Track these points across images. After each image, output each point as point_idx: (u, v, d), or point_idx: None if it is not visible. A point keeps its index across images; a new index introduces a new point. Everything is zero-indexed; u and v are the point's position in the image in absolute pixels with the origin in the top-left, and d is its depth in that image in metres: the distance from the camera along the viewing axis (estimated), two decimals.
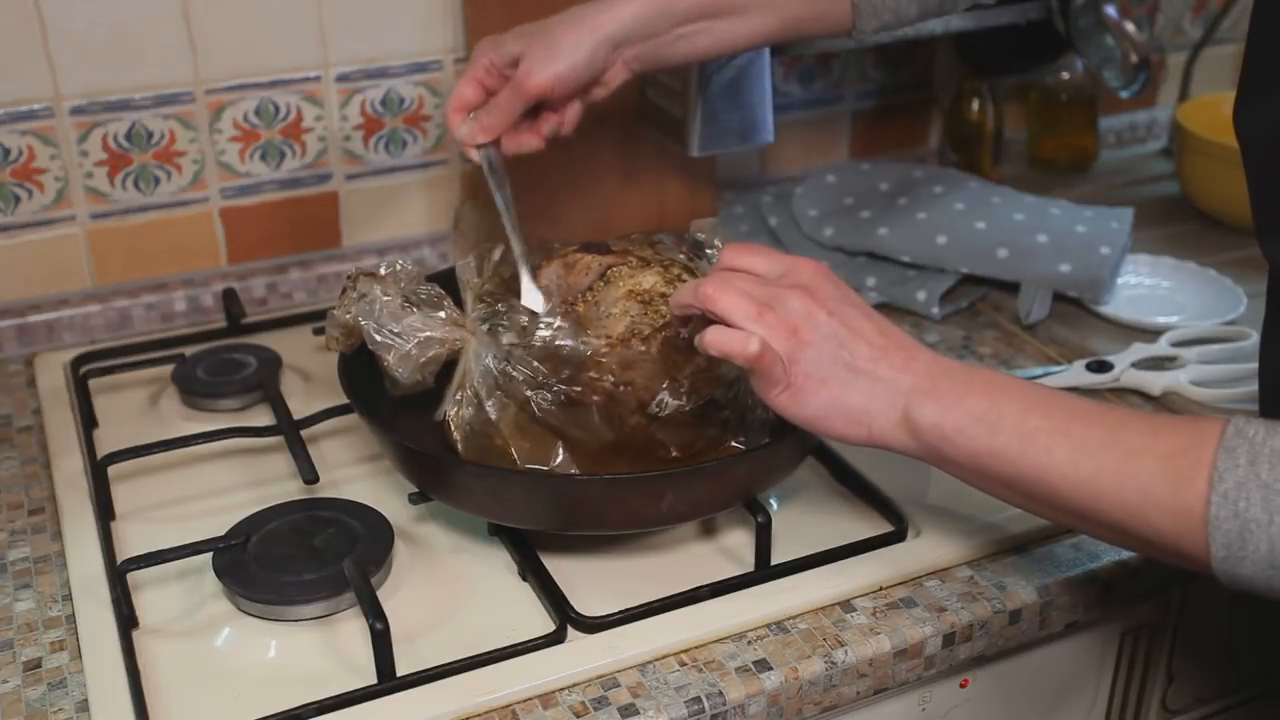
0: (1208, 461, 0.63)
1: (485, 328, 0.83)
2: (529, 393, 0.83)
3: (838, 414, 0.74)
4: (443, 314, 0.85)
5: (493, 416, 0.83)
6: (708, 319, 0.77)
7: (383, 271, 0.86)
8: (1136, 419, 0.69)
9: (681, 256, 0.91)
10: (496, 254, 0.90)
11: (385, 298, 0.84)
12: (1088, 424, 0.68)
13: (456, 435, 0.84)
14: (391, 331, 0.84)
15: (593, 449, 0.84)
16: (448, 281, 0.89)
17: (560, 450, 0.84)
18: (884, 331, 0.75)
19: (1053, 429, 0.69)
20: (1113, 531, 0.68)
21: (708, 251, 0.89)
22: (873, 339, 0.74)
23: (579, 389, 0.83)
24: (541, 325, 0.84)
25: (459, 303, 0.87)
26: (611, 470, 0.83)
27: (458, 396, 0.84)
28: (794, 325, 0.73)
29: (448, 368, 0.86)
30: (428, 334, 0.84)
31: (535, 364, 0.82)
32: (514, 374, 0.83)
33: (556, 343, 0.83)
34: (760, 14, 0.92)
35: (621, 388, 0.83)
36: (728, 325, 0.74)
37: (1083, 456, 0.67)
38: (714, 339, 0.74)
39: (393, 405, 0.88)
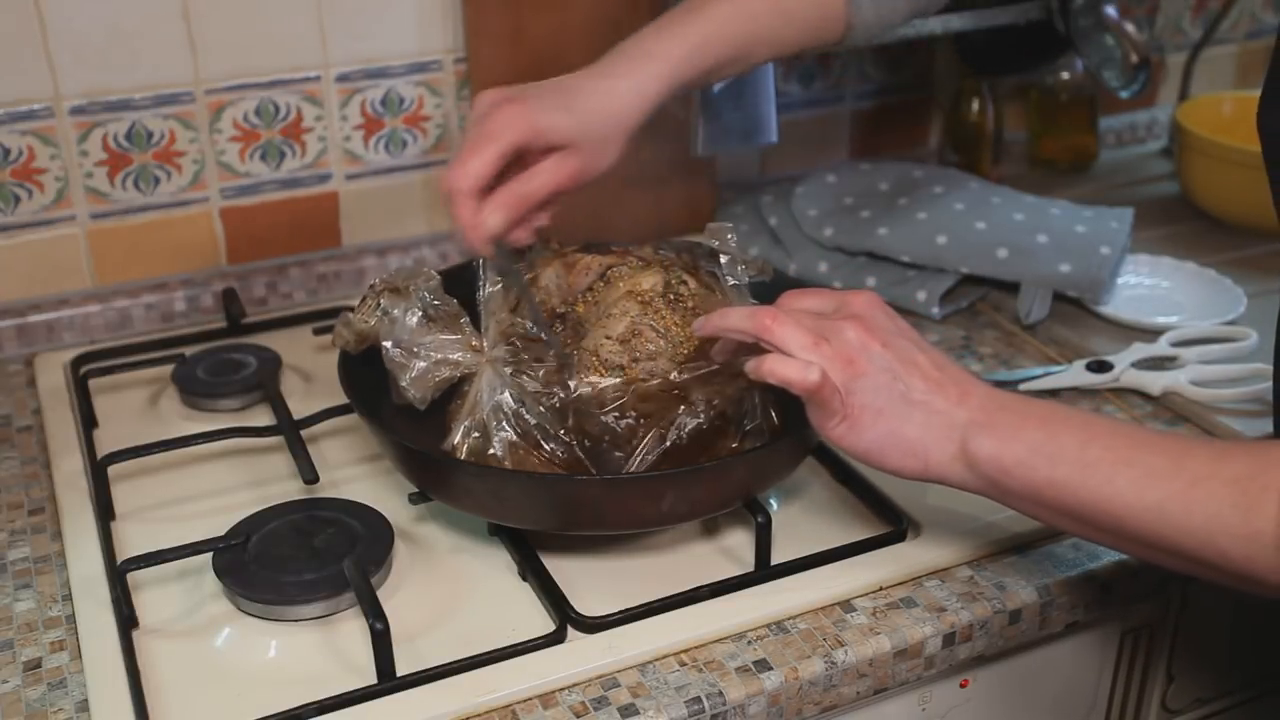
0: (1275, 487, 0.63)
1: (508, 370, 0.83)
2: (543, 443, 0.83)
3: (893, 446, 0.74)
4: (459, 337, 0.85)
5: (498, 454, 0.83)
6: (733, 341, 0.78)
7: (404, 279, 0.86)
8: (1199, 445, 0.69)
9: (688, 257, 0.91)
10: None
11: (409, 318, 0.84)
12: (1150, 452, 0.68)
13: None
14: (410, 351, 0.84)
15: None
16: (456, 279, 0.89)
17: None
18: (939, 364, 0.75)
19: (1114, 458, 0.69)
20: (1180, 559, 0.68)
21: (722, 259, 0.88)
22: (928, 371, 0.74)
23: (591, 441, 0.83)
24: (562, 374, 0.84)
25: (466, 304, 0.87)
26: None
27: (466, 424, 0.84)
28: (850, 356, 0.74)
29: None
30: (444, 357, 0.84)
31: (550, 416, 0.82)
32: (529, 418, 0.83)
33: (576, 394, 0.83)
34: (761, 54, 0.95)
35: (642, 420, 0.83)
36: (784, 354, 0.74)
37: (1147, 485, 0.67)
38: (774, 367, 0.74)
39: (393, 405, 0.88)
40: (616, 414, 0.83)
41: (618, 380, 0.83)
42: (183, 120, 1.13)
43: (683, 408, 0.83)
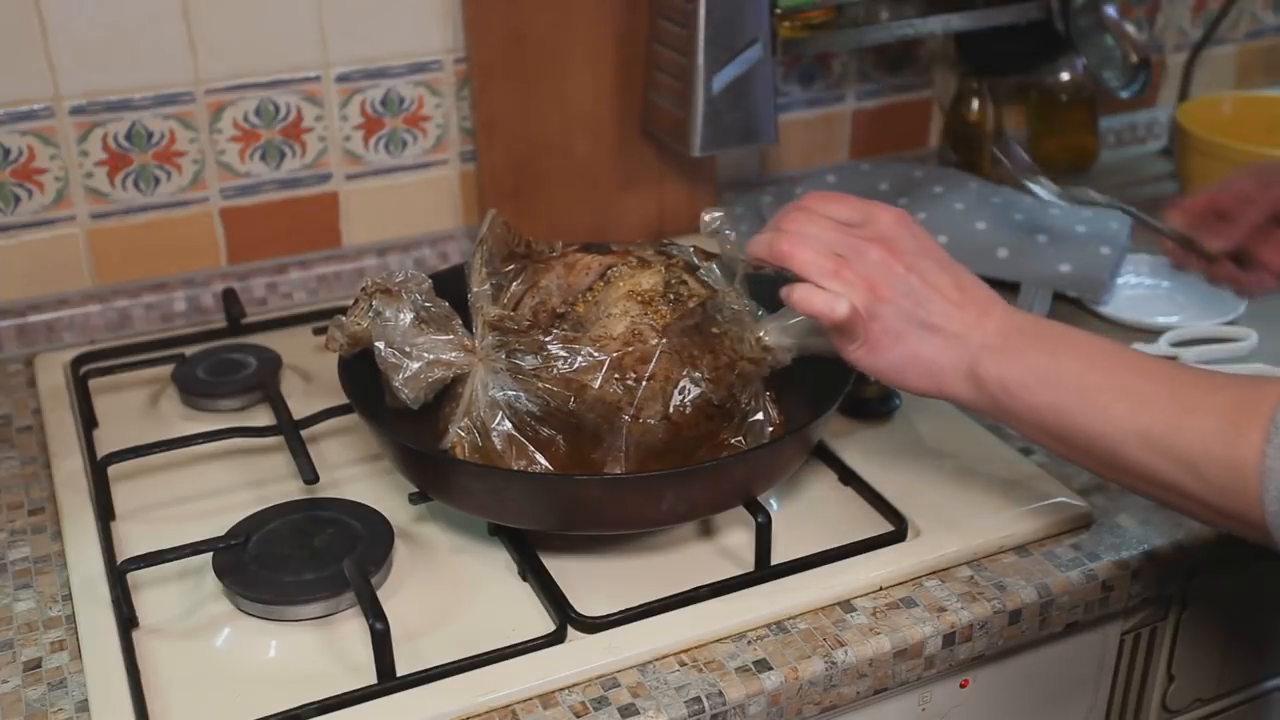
0: (1265, 415, 0.63)
1: (502, 356, 0.83)
2: (541, 429, 0.83)
3: (910, 367, 0.75)
4: (451, 337, 0.85)
5: (498, 448, 0.83)
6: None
7: (396, 282, 0.86)
8: (1197, 375, 0.69)
9: (691, 253, 0.91)
10: (515, 285, 0.90)
11: (401, 319, 0.84)
12: (1147, 379, 0.69)
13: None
14: (402, 352, 0.84)
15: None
16: (450, 280, 0.89)
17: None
18: (961, 286, 0.76)
19: (1112, 385, 0.69)
20: (1167, 490, 0.68)
21: (728, 240, 0.88)
22: (948, 293, 0.75)
23: (593, 407, 0.83)
24: (556, 346, 0.84)
25: (458, 306, 0.87)
26: None
27: (462, 423, 0.84)
28: (872, 281, 0.74)
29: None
30: (436, 356, 0.84)
31: (552, 389, 0.82)
32: (527, 405, 0.83)
33: (577, 365, 0.83)
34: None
35: (644, 383, 0.83)
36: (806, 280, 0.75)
37: (1140, 411, 0.68)
38: (803, 296, 0.75)
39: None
40: (617, 376, 0.83)
41: (617, 344, 0.84)
42: (183, 120, 1.13)
43: (687, 370, 0.83)
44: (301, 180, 1.19)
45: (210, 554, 0.82)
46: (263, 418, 1.00)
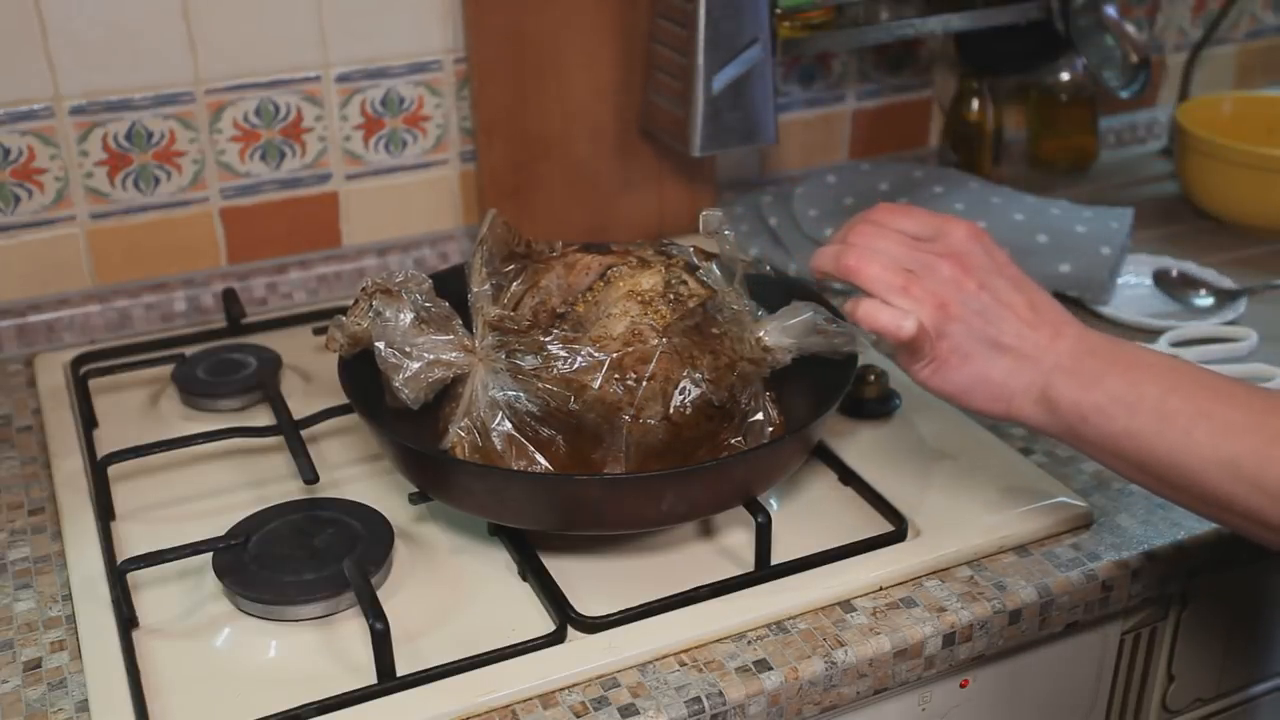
0: None
1: (502, 356, 0.83)
2: (541, 429, 0.83)
3: (979, 390, 0.73)
4: (451, 337, 0.85)
5: (498, 448, 0.83)
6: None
7: (396, 282, 0.86)
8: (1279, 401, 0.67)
9: (691, 253, 0.91)
10: (515, 285, 0.90)
11: (401, 319, 0.84)
12: (1231, 405, 0.66)
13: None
14: (402, 352, 0.84)
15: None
16: (450, 280, 0.89)
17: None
18: (1034, 305, 0.74)
19: (1193, 411, 0.67)
20: (1252, 521, 0.66)
21: (727, 240, 0.87)
22: (1021, 313, 0.73)
23: (593, 407, 0.83)
24: (556, 346, 0.84)
25: (458, 307, 0.87)
26: None
27: (462, 424, 0.84)
28: (942, 299, 0.72)
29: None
30: (436, 356, 0.84)
31: (553, 389, 0.82)
32: (527, 405, 0.83)
33: (577, 365, 0.83)
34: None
35: (644, 383, 0.83)
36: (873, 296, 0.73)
37: (1224, 440, 0.65)
38: (869, 312, 0.73)
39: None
40: (618, 376, 0.83)
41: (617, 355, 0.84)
42: (183, 120, 1.13)
43: (687, 370, 0.83)
44: (301, 180, 1.19)
45: (210, 554, 0.82)
46: (263, 418, 1.00)
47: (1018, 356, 0.72)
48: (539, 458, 0.83)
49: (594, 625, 0.78)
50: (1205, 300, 1.16)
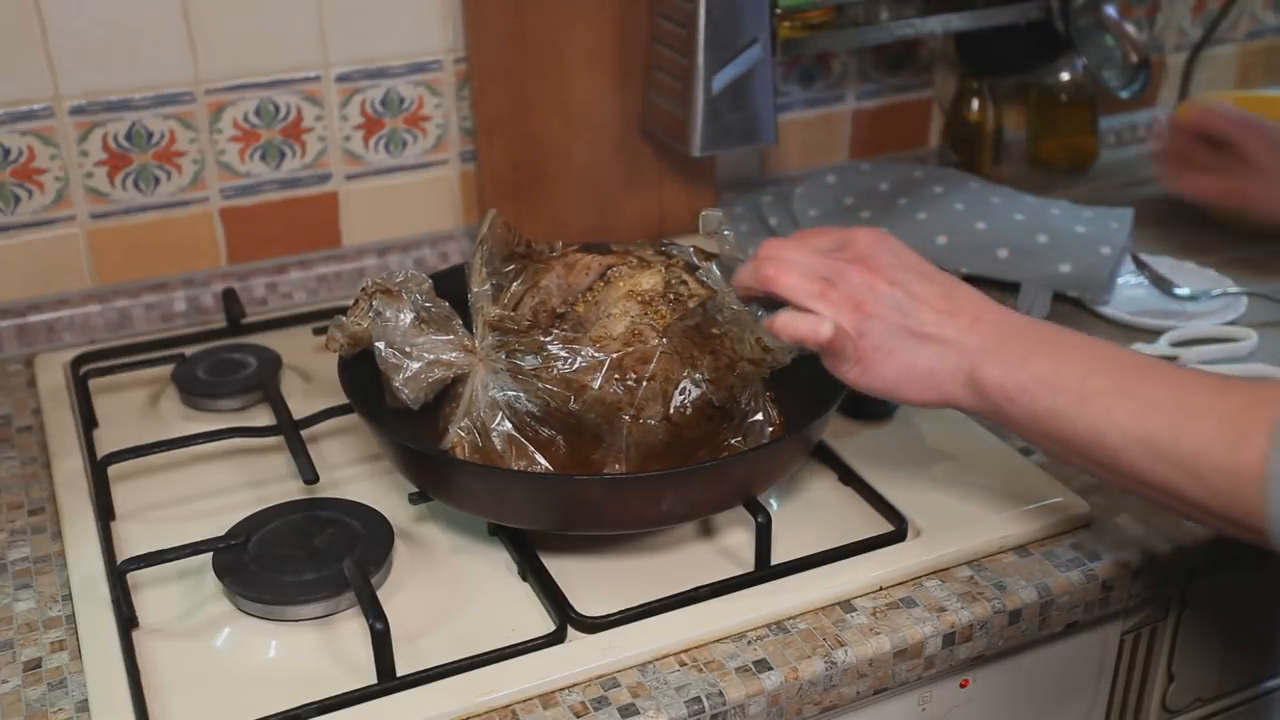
0: (1269, 420, 0.62)
1: (502, 356, 0.83)
2: (541, 429, 0.83)
3: (908, 381, 0.75)
4: (451, 337, 0.85)
5: (498, 448, 0.83)
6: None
7: (396, 282, 0.86)
8: (1201, 379, 0.68)
9: (691, 253, 0.91)
10: (515, 285, 0.90)
11: (401, 319, 0.84)
12: (1151, 383, 0.68)
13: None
14: (402, 352, 0.84)
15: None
16: (450, 280, 0.89)
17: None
18: (949, 295, 0.75)
19: (1114, 389, 0.69)
20: (1170, 495, 0.68)
21: (727, 240, 0.88)
22: (936, 303, 0.75)
23: (593, 407, 0.83)
24: (556, 346, 0.84)
25: (458, 307, 0.87)
26: None
27: (463, 424, 0.84)
28: (857, 300, 0.74)
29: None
30: (436, 357, 0.84)
31: (553, 389, 0.82)
32: (527, 405, 0.83)
33: (577, 366, 0.83)
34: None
35: (644, 384, 0.83)
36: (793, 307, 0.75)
37: (1143, 417, 0.67)
38: (786, 323, 0.75)
39: None
40: (618, 376, 0.83)
41: (616, 345, 0.84)
42: (183, 120, 1.13)
43: (687, 371, 0.83)
44: (301, 180, 1.19)
45: (210, 554, 0.82)
46: (263, 418, 1.00)
47: (940, 343, 0.74)
48: (539, 458, 0.83)
49: (594, 625, 0.78)
50: (1183, 290, 1.16)
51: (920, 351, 0.74)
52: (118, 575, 0.79)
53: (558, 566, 0.82)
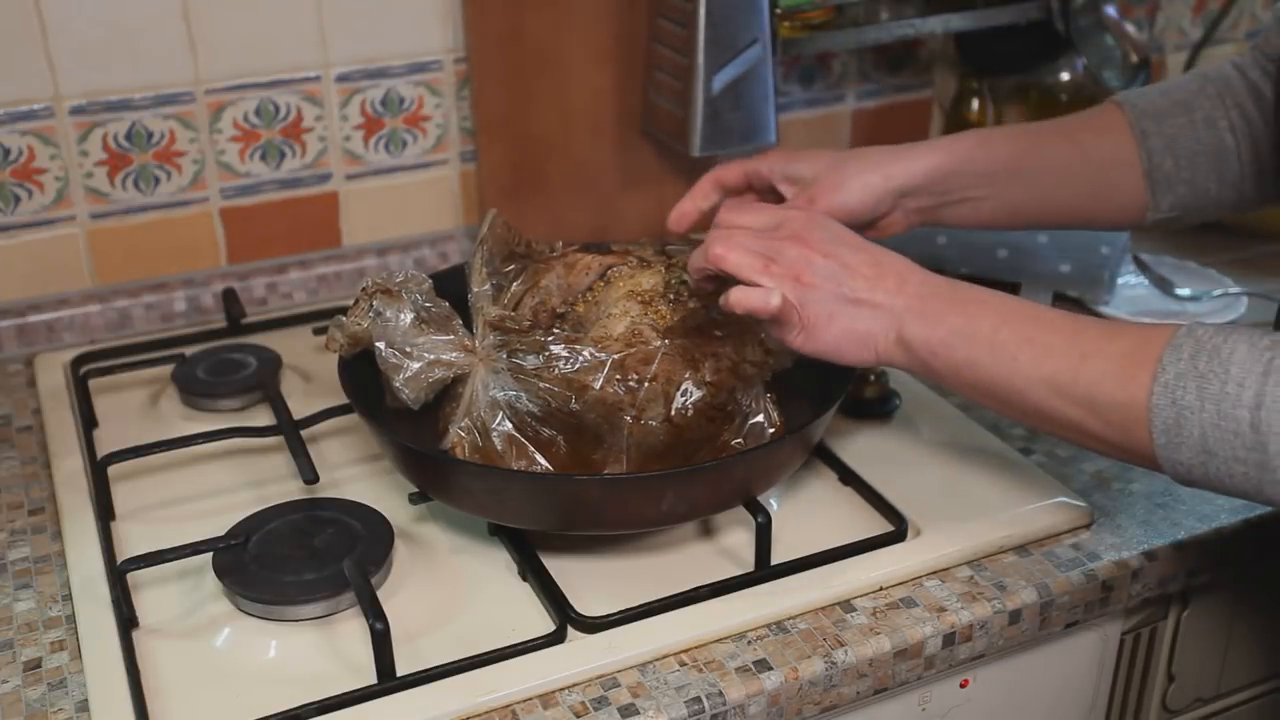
0: (1154, 357, 0.70)
1: (503, 356, 0.83)
2: (542, 429, 0.83)
3: (848, 343, 0.80)
4: (452, 337, 0.85)
5: (499, 448, 0.83)
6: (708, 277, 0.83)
7: (396, 282, 0.86)
8: (1097, 325, 0.75)
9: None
10: (515, 285, 0.90)
11: (401, 319, 0.85)
12: (1050, 331, 0.75)
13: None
14: (403, 352, 0.84)
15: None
16: (450, 280, 0.89)
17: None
18: (877, 262, 0.81)
19: (1019, 338, 0.75)
20: (1073, 430, 0.75)
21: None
22: (865, 271, 0.80)
23: (594, 407, 0.83)
24: (558, 346, 0.84)
25: (458, 307, 0.87)
26: None
27: (463, 424, 0.84)
28: (796, 273, 0.79)
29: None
30: (437, 356, 0.84)
31: (554, 389, 0.82)
32: (527, 405, 0.83)
33: (579, 366, 0.83)
34: (1053, 185, 0.93)
35: (645, 384, 0.83)
36: (741, 282, 0.80)
37: (1043, 360, 0.74)
38: (739, 298, 0.80)
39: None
40: (619, 377, 0.83)
41: (618, 346, 0.84)
42: (183, 120, 1.13)
43: (689, 373, 0.83)
44: (301, 180, 1.19)
45: (210, 554, 0.82)
46: (263, 418, 1.00)
47: (872, 306, 0.79)
48: (539, 458, 0.83)
49: (594, 625, 0.78)
50: (1183, 290, 1.17)
51: (856, 315, 0.79)
52: (118, 575, 0.79)
53: (558, 566, 0.82)
